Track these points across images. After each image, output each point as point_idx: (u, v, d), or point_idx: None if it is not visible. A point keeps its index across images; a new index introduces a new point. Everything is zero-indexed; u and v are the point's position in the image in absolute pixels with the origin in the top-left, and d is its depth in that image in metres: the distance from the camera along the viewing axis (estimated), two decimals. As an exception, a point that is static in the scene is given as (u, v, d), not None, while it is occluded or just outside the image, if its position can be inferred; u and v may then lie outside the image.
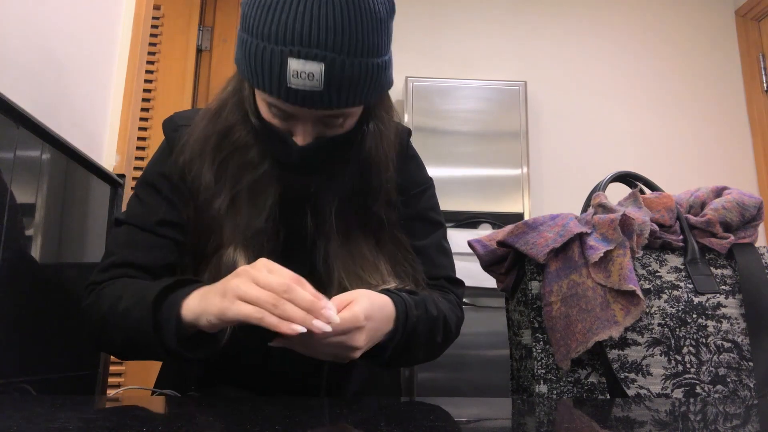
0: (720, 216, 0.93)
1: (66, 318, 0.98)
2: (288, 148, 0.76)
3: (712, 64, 2.79)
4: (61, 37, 1.00)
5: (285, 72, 0.69)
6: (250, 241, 0.78)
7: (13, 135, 0.81)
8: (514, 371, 0.98)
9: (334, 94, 0.71)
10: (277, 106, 0.74)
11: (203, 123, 0.83)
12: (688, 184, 1.14)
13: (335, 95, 0.71)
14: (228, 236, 0.78)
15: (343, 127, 0.78)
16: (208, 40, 2.35)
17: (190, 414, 0.58)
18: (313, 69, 0.68)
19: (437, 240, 0.95)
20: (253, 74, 0.72)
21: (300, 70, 0.68)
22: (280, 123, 0.76)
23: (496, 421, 0.62)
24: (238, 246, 0.78)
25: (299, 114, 0.74)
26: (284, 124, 0.76)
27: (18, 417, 0.49)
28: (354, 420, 0.56)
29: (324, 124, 0.76)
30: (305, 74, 0.69)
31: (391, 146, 0.86)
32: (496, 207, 2.31)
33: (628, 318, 0.83)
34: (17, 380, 0.83)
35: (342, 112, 0.75)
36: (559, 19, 2.80)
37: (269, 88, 0.71)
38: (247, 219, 0.79)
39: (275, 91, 0.71)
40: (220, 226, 0.79)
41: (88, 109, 1.12)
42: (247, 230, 0.78)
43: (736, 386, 0.84)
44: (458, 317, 0.90)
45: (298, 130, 0.76)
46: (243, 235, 0.78)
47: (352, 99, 0.73)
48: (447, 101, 2.40)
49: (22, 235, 0.84)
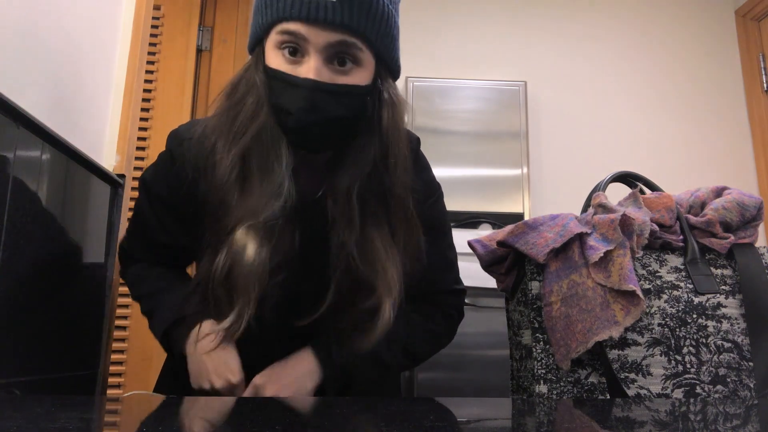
0: (720, 216, 0.93)
1: (66, 318, 0.98)
2: (296, 92, 0.74)
3: (712, 64, 2.79)
4: (62, 37, 1.00)
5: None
6: (261, 224, 0.77)
7: (13, 135, 0.81)
8: (514, 371, 0.98)
9: (347, 8, 0.72)
10: (288, 32, 0.73)
11: (216, 112, 0.82)
12: (688, 184, 1.14)
13: (347, 11, 0.72)
14: (238, 217, 0.77)
15: (353, 77, 0.76)
16: (208, 41, 2.35)
17: (191, 414, 0.58)
18: None
19: (441, 250, 0.95)
20: (269, 6, 0.74)
21: None
22: (290, 65, 0.75)
23: (496, 421, 0.62)
24: (249, 229, 0.76)
25: (311, 38, 0.73)
26: (294, 66, 0.75)
27: (18, 417, 0.49)
28: (354, 420, 0.56)
29: (333, 66, 0.75)
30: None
31: (403, 124, 0.85)
32: (496, 207, 2.31)
33: (628, 318, 0.83)
34: (17, 380, 0.83)
35: (354, 42, 0.74)
36: (559, 19, 2.80)
37: (283, 7, 0.72)
38: (257, 199, 0.77)
39: (288, 8, 0.72)
40: (233, 208, 0.79)
41: (89, 109, 1.12)
42: (256, 211, 0.77)
43: (736, 386, 0.84)
44: (439, 333, 0.96)
45: (309, 65, 0.74)
46: (253, 216, 0.77)
47: (364, 24, 0.74)
48: (447, 101, 2.40)
49: (22, 235, 0.84)
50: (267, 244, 0.76)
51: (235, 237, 0.76)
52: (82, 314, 1.05)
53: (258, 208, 0.76)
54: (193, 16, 2.26)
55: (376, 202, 0.82)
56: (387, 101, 0.82)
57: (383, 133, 0.81)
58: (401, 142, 0.83)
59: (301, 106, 0.74)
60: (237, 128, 0.78)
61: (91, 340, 1.08)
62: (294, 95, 0.75)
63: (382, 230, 0.82)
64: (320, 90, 0.74)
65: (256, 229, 0.76)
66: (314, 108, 0.74)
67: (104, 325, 1.11)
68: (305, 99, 0.74)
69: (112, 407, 0.66)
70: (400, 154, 0.82)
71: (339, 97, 0.75)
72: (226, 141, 0.79)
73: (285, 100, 0.76)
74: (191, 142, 0.85)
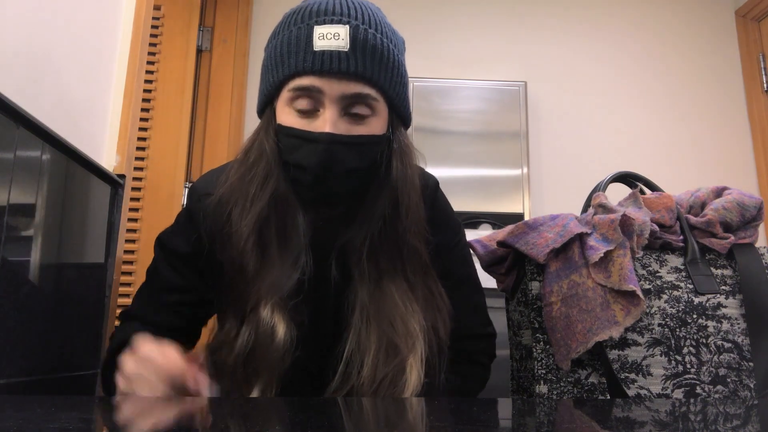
0: (720, 216, 0.93)
1: (66, 318, 0.98)
2: (312, 146, 0.73)
3: (712, 64, 2.79)
4: (62, 38, 1.00)
5: (311, 39, 0.71)
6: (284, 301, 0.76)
7: (13, 135, 0.81)
8: (515, 371, 0.98)
9: (360, 57, 0.71)
10: (302, 89, 0.72)
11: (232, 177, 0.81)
12: (688, 184, 1.14)
13: (360, 60, 0.72)
14: (261, 291, 0.76)
15: (369, 126, 0.75)
16: (209, 41, 2.35)
17: (190, 414, 0.58)
18: (339, 30, 0.71)
19: (467, 295, 0.92)
20: (279, 63, 0.73)
21: (326, 32, 0.71)
22: (304, 123, 0.74)
23: (496, 422, 0.62)
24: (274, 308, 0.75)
25: (326, 90, 0.72)
26: (308, 123, 0.74)
27: (18, 417, 0.49)
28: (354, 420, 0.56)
29: (349, 118, 0.74)
30: (331, 35, 0.71)
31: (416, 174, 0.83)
32: (496, 207, 2.31)
33: (629, 318, 0.83)
34: (18, 380, 0.83)
35: (368, 94, 0.73)
36: (559, 19, 2.79)
37: (294, 63, 0.72)
38: (279, 271, 0.76)
39: (300, 62, 0.71)
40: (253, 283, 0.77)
41: (89, 110, 1.11)
42: (279, 286, 0.76)
43: (736, 386, 0.84)
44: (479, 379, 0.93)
45: (324, 118, 0.73)
46: (277, 291, 0.75)
47: (377, 72, 0.73)
48: (447, 101, 2.40)
49: (22, 235, 0.84)
50: (291, 323, 0.75)
51: (260, 315, 0.74)
52: (82, 314, 1.05)
53: (280, 282, 0.75)
54: (193, 16, 2.26)
55: (391, 256, 0.80)
56: (397, 151, 0.80)
57: (393, 184, 0.79)
58: (413, 191, 0.81)
59: (319, 161, 0.73)
60: (252, 196, 0.77)
61: (91, 340, 1.08)
62: (310, 150, 0.73)
63: (400, 284, 0.80)
64: (338, 143, 0.73)
65: (282, 309, 0.75)
66: (332, 161, 0.73)
67: (104, 326, 1.11)
68: (323, 153, 0.72)
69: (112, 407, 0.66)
70: (412, 204, 0.81)
71: (356, 149, 0.74)
72: (243, 209, 0.78)
73: (300, 157, 0.74)
74: (209, 200, 0.83)
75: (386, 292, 0.79)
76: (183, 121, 2.12)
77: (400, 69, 0.78)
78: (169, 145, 2.07)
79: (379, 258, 0.80)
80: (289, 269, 0.77)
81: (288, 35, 0.74)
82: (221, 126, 2.25)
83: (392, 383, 0.75)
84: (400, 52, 0.80)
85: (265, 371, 0.75)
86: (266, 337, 0.74)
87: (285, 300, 0.76)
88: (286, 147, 0.76)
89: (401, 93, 0.80)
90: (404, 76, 0.80)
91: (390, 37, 0.77)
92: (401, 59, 0.79)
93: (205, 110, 2.26)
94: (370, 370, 0.76)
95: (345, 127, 0.74)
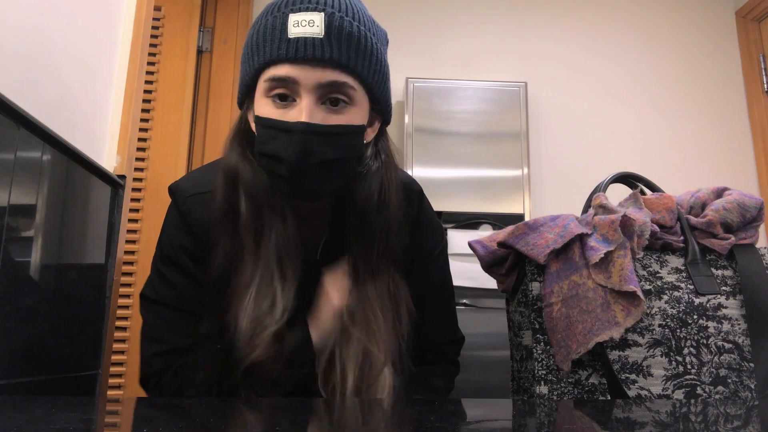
0: (721, 217, 0.93)
1: (66, 319, 0.98)
2: (288, 137, 0.71)
3: (712, 64, 2.79)
4: (62, 38, 1.00)
5: (286, 27, 0.70)
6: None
7: (13, 136, 0.81)
8: (515, 372, 0.98)
9: (335, 44, 0.70)
10: (278, 79, 0.71)
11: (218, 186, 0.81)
12: (689, 184, 1.14)
13: (336, 47, 0.70)
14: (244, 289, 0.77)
15: (347, 116, 0.74)
16: (209, 41, 2.35)
17: (190, 415, 0.58)
18: (314, 17, 0.70)
19: (445, 301, 0.96)
20: (255, 53, 0.73)
21: (300, 19, 0.70)
22: (281, 113, 0.72)
23: (497, 422, 0.62)
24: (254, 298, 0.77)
25: (301, 79, 0.71)
26: (285, 113, 0.72)
27: (18, 418, 0.49)
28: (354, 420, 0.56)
29: (326, 107, 0.73)
30: (305, 22, 0.70)
31: (397, 170, 0.84)
32: (496, 208, 2.31)
33: (629, 319, 0.83)
34: (18, 381, 0.83)
35: (345, 81, 0.72)
36: (559, 20, 2.79)
37: (269, 51, 0.71)
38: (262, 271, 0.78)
39: (275, 50, 0.70)
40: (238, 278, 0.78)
41: (89, 110, 1.12)
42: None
43: (736, 387, 0.84)
44: (447, 380, 0.96)
45: (300, 107, 0.71)
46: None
47: (354, 59, 0.72)
48: (447, 102, 2.40)
49: (22, 236, 0.84)
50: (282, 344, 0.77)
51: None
52: (83, 315, 1.05)
53: (263, 278, 0.77)
54: (193, 17, 2.26)
55: (368, 254, 0.81)
56: (379, 149, 0.81)
57: (373, 180, 0.80)
58: (393, 188, 0.82)
59: (295, 151, 0.70)
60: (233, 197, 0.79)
61: (92, 341, 1.08)
62: (285, 141, 0.71)
63: (377, 283, 0.81)
64: (313, 133, 0.71)
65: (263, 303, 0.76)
66: (308, 152, 0.71)
67: (104, 326, 1.11)
68: (298, 143, 0.70)
69: (113, 408, 0.66)
70: (392, 201, 0.81)
71: (333, 139, 0.72)
72: (225, 207, 0.79)
73: (276, 147, 0.72)
74: (196, 198, 0.83)
75: (365, 293, 0.81)
76: (183, 121, 2.12)
77: (379, 58, 0.76)
78: (169, 146, 2.07)
79: (358, 256, 0.81)
80: (272, 266, 0.78)
81: (264, 24, 0.73)
82: (222, 126, 2.25)
83: (371, 388, 0.79)
84: (381, 43, 0.78)
85: (258, 382, 0.77)
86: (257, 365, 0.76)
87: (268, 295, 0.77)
88: (262, 138, 0.74)
89: (380, 83, 0.77)
90: (384, 66, 0.78)
91: (369, 26, 0.75)
92: (381, 50, 0.77)
93: (206, 111, 2.26)
94: (354, 382, 0.78)
95: (322, 116, 0.72)
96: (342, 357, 0.79)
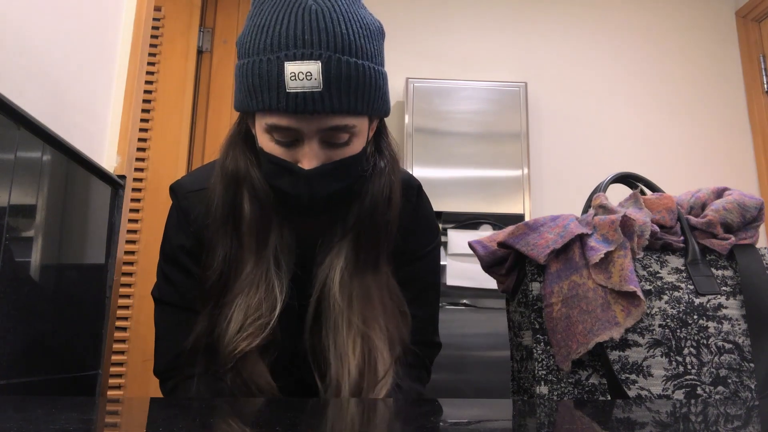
0: (721, 217, 0.93)
1: (66, 319, 0.98)
2: (295, 177, 0.73)
3: (712, 65, 2.79)
4: (62, 38, 1.00)
5: (282, 78, 0.68)
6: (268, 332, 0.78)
7: (13, 136, 0.81)
8: (515, 372, 0.98)
9: (335, 94, 0.69)
10: (278, 128, 0.71)
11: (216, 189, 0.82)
12: (689, 185, 1.14)
13: (336, 96, 0.69)
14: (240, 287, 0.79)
15: (350, 147, 0.75)
16: (209, 42, 2.35)
17: (191, 415, 0.58)
18: (311, 68, 0.68)
19: (431, 302, 0.96)
20: (252, 94, 0.71)
21: (297, 71, 0.68)
22: (284, 152, 0.73)
23: (497, 423, 0.62)
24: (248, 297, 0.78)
25: (302, 128, 0.71)
26: (288, 152, 0.73)
27: (18, 418, 0.49)
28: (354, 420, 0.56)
29: (329, 145, 0.73)
30: (303, 74, 0.68)
31: (399, 186, 0.85)
32: (496, 208, 2.31)
33: (629, 319, 0.83)
34: (18, 381, 0.83)
35: (346, 124, 0.72)
36: (559, 20, 2.80)
37: (268, 101, 0.69)
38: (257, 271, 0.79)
39: (274, 102, 0.69)
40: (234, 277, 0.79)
41: (89, 111, 1.12)
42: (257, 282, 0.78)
43: (737, 387, 0.84)
44: (420, 384, 0.94)
45: (304, 152, 0.72)
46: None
47: (354, 103, 0.71)
48: (447, 102, 2.40)
49: (22, 236, 0.84)
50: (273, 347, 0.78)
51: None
52: (83, 315, 1.05)
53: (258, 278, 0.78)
54: (193, 17, 2.26)
55: (369, 252, 0.82)
56: (381, 146, 0.82)
57: (384, 184, 0.81)
58: (395, 187, 0.83)
59: (302, 192, 0.74)
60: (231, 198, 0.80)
61: (92, 341, 1.08)
62: (292, 181, 0.74)
63: (375, 282, 0.82)
64: (320, 175, 0.73)
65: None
66: (315, 191, 0.74)
67: (105, 327, 1.11)
68: (305, 185, 0.73)
69: (113, 408, 0.66)
70: (394, 200, 0.82)
71: (338, 172, 0.75)
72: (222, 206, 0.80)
73: (282, 184, 0.75)
74: (196, 195, 0.85)
75: (365, 283, 0.81)
76: (183, 121, 2.12)
77: (377, 80, 0.74)
78: (169, 146, 2.07)
79: (360, 249, 0.82)
80: (270, 261, 0.79)
81: (258, 66, 0.70)
82: (222, 126, 2.25)
83: (370, 388, 0.78)
84: (377, 56, 0.75)
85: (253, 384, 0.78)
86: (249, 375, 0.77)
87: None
88: (269, 170, 0.76)
89: (380, 103, 0.77)
90: (380, 79, 0.75)
91: (366, 48, 0.72)
92: (379, 70, 0.75)
93: (206, 111, 2.26)
94: (354, 384, 0.78)
95: (326, 156, 0.73)
96: (338, 346, 0.79)
